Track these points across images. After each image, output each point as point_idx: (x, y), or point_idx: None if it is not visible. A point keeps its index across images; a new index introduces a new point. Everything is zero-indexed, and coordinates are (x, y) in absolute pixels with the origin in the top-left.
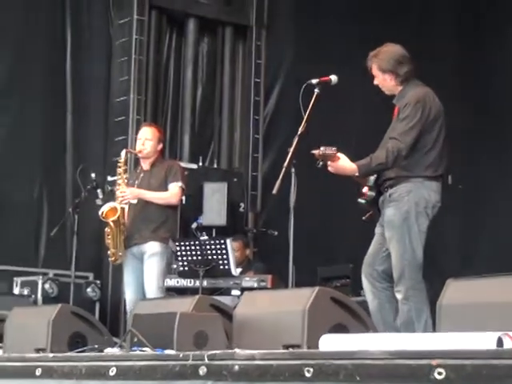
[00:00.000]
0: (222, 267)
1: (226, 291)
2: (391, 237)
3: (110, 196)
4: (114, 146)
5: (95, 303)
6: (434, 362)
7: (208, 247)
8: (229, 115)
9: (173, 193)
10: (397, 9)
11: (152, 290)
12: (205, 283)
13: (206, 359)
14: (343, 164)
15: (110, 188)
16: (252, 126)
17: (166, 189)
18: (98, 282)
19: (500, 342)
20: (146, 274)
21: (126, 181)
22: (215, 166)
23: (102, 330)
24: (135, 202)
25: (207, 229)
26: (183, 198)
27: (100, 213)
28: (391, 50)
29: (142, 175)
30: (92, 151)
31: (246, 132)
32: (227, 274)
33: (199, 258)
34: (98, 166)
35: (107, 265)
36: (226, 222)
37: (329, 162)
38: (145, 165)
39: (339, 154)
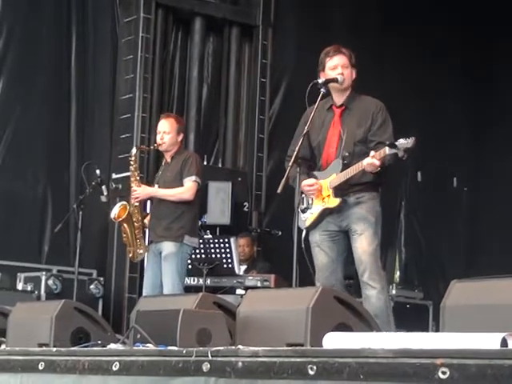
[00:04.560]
0: (225, 266)
1: (229, 290)
2: (363, 231)
3: (115, 193)
4: (119, 143)
5: (98, 300)
6: (439, 362)
7: (212, 246)
8: (234, 114)
9: (186, 188)
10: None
11: (168, 290)
12: (208, 282)
13: (210, 355)
14: None
15: (114, 185)
16: (257, 126)
17: (180, 182)
18: (102, 278)
19: (504, 342)
20: (163, 274)
21: (138, 178)
22: (220, 165)
23: (105, 326)
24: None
25: (211, 227)
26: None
27: (112, 216)
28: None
29: (162, 168)
30: (97, 148)
31: (251, 132)
32: (231, 272)
33: (203, 256)
34: (103, 163)
35: (111, 262)
36: (230, 221)
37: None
38: (167, 157)
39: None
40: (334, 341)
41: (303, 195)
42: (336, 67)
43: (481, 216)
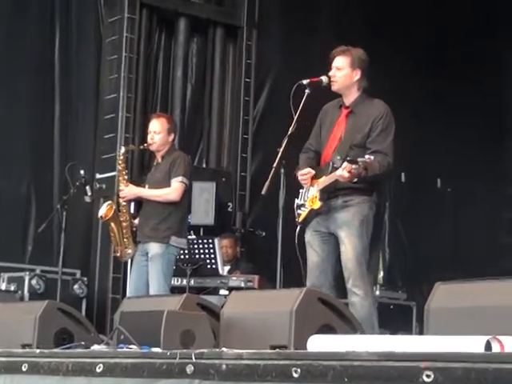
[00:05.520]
0: (209, 266)
1: (213, 290)
2: (347, 236)
3: (99, 193)
4: (103, 143)
5: (82, 300)
6: (423, 365)
7: (196, 246)
8: (218, 115)
9: (172, 189)
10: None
11: (154, 290)
12: (192, 282)
13: (194, 358)
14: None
15: (98, 185)
16: (241, 126)
17: (169, 183)
18: (85, 279)
19: (488, 346)
20: (149, 275)
21: (126, 177)
22: (204, 165)
23: (89, 326)
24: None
25: (195, 228)
26: None
27: (99, 215)
28: (363, 53)
29: (154, 169)
30: (81, 148)
31: (235, 132)
32: (214, 273)
33: (187, 256)
34: (87, 163)
35: (94, 262)
36: (213, 222)
37: None
38: (157, 157)
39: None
40: (318, 343)
41: (301, 190)
42: (332, 68)
43: (465, 217)
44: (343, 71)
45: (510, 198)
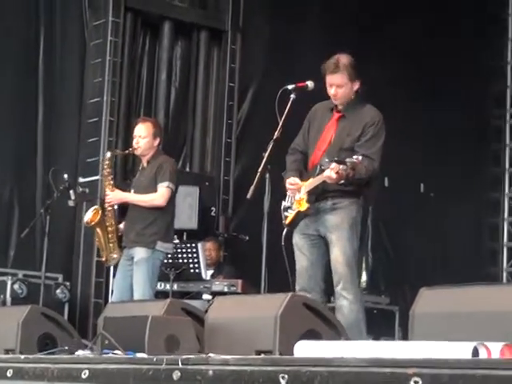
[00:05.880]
0: (192, 271)
1: (196, 295)
2: (337, 240)
3: (82, 197)
4: (86, 147)
5: (64, 305)
6: (411, 371)
7: (179, 250)
8: (202, 119)
9: (158, 194)
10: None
11: (138, 295)
12: (175, 287)
13: (180, 363)
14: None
15: (81, 189)
16: (225, 130)
17: (155, 188)
18: (68, 283)
19: (476, 352)
20: (134, 280)
21: (111, 182)
22: (187, 169)
23: (72, 331)
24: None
25: (178, 232)
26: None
27: (85, 220)
28: (351, 59)
29: (139, 173)
30: (64, 152)
31: (219, 136)
32: (198, 277)
33: (170, 261)
34: (70, 166)
35: (77, 267)
36: (197, 226)
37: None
38: (143, 162)
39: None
40: (304, 349)
41: (288, 192)
42: (331, 86)
43: (447, 222)
44: (344, 87)
45: (493, 203)
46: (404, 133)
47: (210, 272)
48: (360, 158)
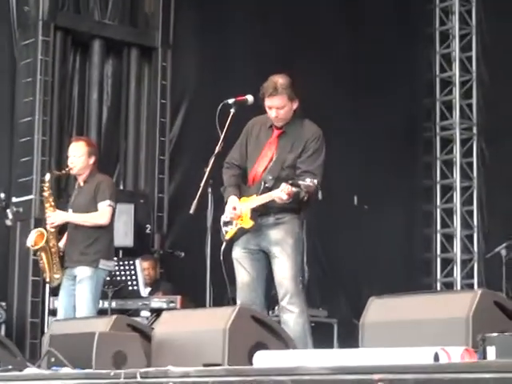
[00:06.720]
0: (130, 288)
1: (134, 312)
2: (282, 255)
3: (16, 217)
4: (19, 167)
5: (0, 325)
6: (376, 377)
7: (117, 268)
8: (134, 136)
9: (100, 213)
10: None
11: (81, 313)
12: (114, 304)
13: (139, 377)
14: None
15: (15, 209)
16: (158, 147)
17: (95, 207)
18: (4, 303)
19: (437, 357)
20: (76, 299)
21: (52, 203)
22: (121, 187)
23: (15, 351)
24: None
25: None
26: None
27: (28, 244)
28: (288, 79)
29: (75, 192)
30: None
31: (152, 153)
32: (136, 295)
33: (108, 278)
34: (4, 186)
35: (12, 286)
36: (133, 244)
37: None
38: (79, 181)
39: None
40: (263, 359)
41: (227, 207)
42: (271, 108)
43: (382, 233)
44: (284, 108)
45: (425, 214)
46: (337, 144)
47: (148, 290)
48: (315, 181)
